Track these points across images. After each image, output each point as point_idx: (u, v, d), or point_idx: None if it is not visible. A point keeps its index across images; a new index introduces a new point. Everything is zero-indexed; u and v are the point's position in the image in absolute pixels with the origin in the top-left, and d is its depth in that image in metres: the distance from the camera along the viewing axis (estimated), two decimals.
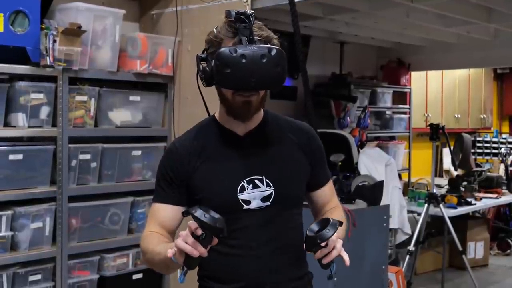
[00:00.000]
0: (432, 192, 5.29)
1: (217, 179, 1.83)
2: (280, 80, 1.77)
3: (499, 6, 4.64)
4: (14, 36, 3.71)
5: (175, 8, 4.54)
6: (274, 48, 1.71)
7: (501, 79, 9.47)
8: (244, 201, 1.79)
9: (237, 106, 1.78)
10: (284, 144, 1.92)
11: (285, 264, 1.81)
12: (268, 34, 1.80)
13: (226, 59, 1.67)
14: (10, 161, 3.81)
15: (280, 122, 1.98)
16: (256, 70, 1.67)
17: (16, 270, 3.88)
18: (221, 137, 1.88)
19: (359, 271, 4.03)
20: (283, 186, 1.84)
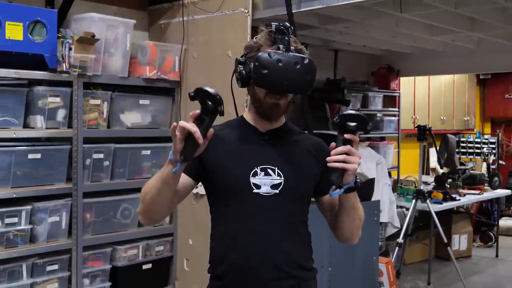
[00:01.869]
0: (419, 189, 5.30)
1: (234, 162, 1.86)
2: (309, 87, 1.84)
3: (482, 16, 4.64)
4: (32, 44, 3.72)
5: (181, 18, 4.54)
6: (307, 58, 1.79)
7: (483, 84, 9.47)
8: (255, 185, 1.81)
9: (267, 107, 1.84)
10: (298, 147, 1.95)
11: (287, 251, 1.80)
12: (301, 48, 1.87)
13: (264, 61, 1.73)
14: (29, 160, 3.82)
15: (298, 131, 2.04)
16: (289, 74, 1.74)
17: (34, 261, 3.89)
18: (244, 130, 1.92)
19: (352, 262, 4.03)
20: (292, 179, 1.85)
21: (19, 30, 3.66)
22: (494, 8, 4.38)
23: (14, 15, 3.63)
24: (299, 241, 1.88)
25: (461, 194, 5.97)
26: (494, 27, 5.02)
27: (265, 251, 1.77)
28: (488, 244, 6.97)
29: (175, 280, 4.64)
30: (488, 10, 4.44)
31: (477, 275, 5.72)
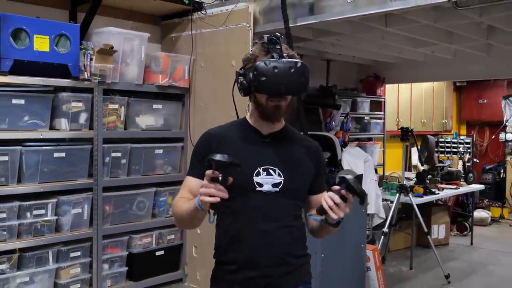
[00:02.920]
0: (402, 184, 5.30)
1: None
2: (304, 87, 1.84)
3: (458, 30, 4.64)
4: (58, 55, 3.72)
5: (190, 32, 4.55)
6: (300, 62, 1.80)
7: (459, 90, 9.47)
8: (258, 184, 1.81)
9: (269, 110, 1.83)
10: (297, 149, 1.94)
11: (285, 241, 1.81)
12: (293, 53, 1.87)
13: (262, 70, 1.74)
14: (54, 158, 3.83)
15: (296, 134, 2.03)
16: (285, 78, 1.75)
17: (59, 248, 3.90)
18: (248, 132, 1.91)
19: (343, 249, 4.03)
20: (291, 178, 1.85)
21: (46, 43, 3.66)
22: (469, 23, 4.38)
23: (41, 29, 3.64)
24: (295, 233, 1.88)
25: (439, 189, 5.97)
26: (469, 40, 5.02)
27: (265, 242, 1.78)
28: (463, 233, 6.97)
29: (185, 265, 4.65)
30: (464, 24, 4.44)
31: (453, 261, 5.71)
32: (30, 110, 3.69)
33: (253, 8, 4.14)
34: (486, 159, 9.24)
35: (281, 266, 1.80)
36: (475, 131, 9.46)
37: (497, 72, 6.24)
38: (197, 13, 4.52)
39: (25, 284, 3.72)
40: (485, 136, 9.46)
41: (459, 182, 6.46)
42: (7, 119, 3.59)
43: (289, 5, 3.80)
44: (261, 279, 1.78)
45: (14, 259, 3.66)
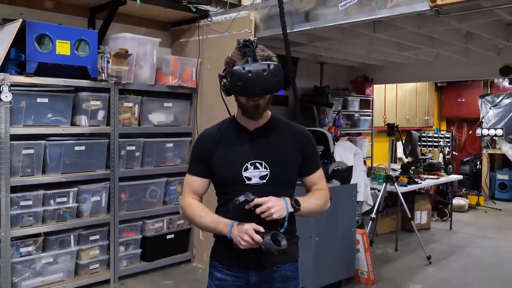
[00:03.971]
0: (388, 174, 5.29)
1: (229, 160, 1.84)
2: (278, 87, 1.78)
3: (439, 35, 4.62)
4: (78, 58, 3.72)
5: (197, 37, 4.54)
6: (272, 64, 1.74)
7: (440, 90, 9.45)
8: (247, 178, 1.80)
9: (250, 109, 1.81)
10: (283, 139, 1.90)
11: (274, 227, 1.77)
12: (268, 54, 1.81)
13: (237, 75, 1.71)
14: (75, 151, 3.84)
15: (282, 123, 1.96)
16: (259, 80, 1.71)
17: (80, 232, 3.91)
18: (236, 130, 1.89)
19: (335, 232, 4.03)
20: (276, 169, 1.83)
21: (67, 47, 3.66)
22: (449, 29, 4.36)
23: (63, 35, 3.64)
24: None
25: (422, 179, 5.96)
26: (449, 44, 5.01)
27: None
28: (443, 218, 6.96)
29: (193, 247, 4.66)
30: (444, 30, 4.43)
31: (434, 244, 5.72)
32: (53, 108, 3.70)
33: (254, 16, 4.13)
34: (464, 152, 9.23)
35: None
36: (454, 127, 9.44)
37: (474, 73, 6.22)
38: (203, 20, 4.51)
39: (49, 264, 3.74)
40: (463, 131, 9.45)
41: (439, 173, 6.45)
42: (33, 116, 3.60)
43: (287, 13, 3.78)
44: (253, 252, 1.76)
45: (39, 242, 3.68)
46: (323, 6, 3.68)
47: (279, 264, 1.84)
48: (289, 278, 1.87)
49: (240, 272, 1.83)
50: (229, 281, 1.85)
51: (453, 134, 8.92)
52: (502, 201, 8.39)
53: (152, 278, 4.25)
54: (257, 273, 1.82)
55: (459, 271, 4.75)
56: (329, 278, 4.05)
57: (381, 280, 4.39)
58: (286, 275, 1.87)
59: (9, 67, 3.46)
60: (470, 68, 5.93)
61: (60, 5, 4.08)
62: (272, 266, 1.83)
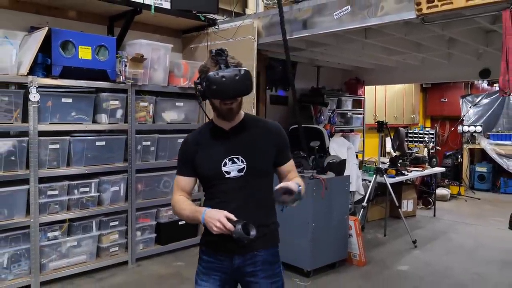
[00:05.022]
0: (378, 167, 5.29)
1: (209, 158, 1.84)
2: (249, 89, 1.77)
3: (425, 41, 4.61)
4: (98, 62, 3.73)
5: (206, 43, 4.54)
6: (243, 69, 1.73)
7: (425, 91, 9.42)
8: (226, 172, 1.80)
9: (224, 111, 1.79)
10: (256, 134, 1.87)
11: (252, 214, 1.77)
12: (238, 61, 1.81)
13: (212, 80, 1.70)
14: (96, 146, 3.85)
15: (255, 121, 1.94)
16: (232, 84, 1.70)
17: (101, 218, 3.93)
18: (214, 131, 1.88)
19: (330, 219, 4.04)
20: (253, 162, 1.81)
21: (89, 52, 3.66)
22: (433, 36, 4.35)
23: (85, 41, 3.64)
24: (263, 206, 1.85)
25: (408, 171, 5.95)
26: (433, 50, 4.99)
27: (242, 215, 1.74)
28: (428, 207, 6.96)
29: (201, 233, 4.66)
30: (429, 37, 4.41)
31: (420, 229, 5.72)
32: (76, 107, 3.71)
33: (257, 24, 4.12)
34: (447, 147, 9.21)
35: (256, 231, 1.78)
36: (438, 124, 9.41)
37: (456, 76, 6.21)
38: (211, 28, 4.51)
39: (74, 247, 3.75)
40: (446, 128, 9.42)
41: (424, 166, 6.44)
42: (58, 114, 3.61)
43: (287, 21, 3.78)
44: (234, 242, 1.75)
45: (64, 227, 3.70)
46: (319, 15, 3.67)
47: (260, 249, 1.82)
48: (269, 262, 1.85)
49: (224, 256, 1.83)
50: (214, 263, 1.85)
51: (436, 131, 8.89)
52: (481, 191, 8.38)
53: (165, 259, 4.26)
54: (240, 257, 1.81)
55: (442, 254, 4.75)
56: (324, 260, 4.06)
57: (372, 262, 4.40)
58: (267, 260, 1.84)
59: (37, 70, 3.47)
60: (452, 71, 5.92)
61: (82, 14, 4.09)
62: (253, 251, 1.81)
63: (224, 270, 1.83)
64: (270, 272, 1.84)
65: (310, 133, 4.87)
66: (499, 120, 8.41)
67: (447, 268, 4.30)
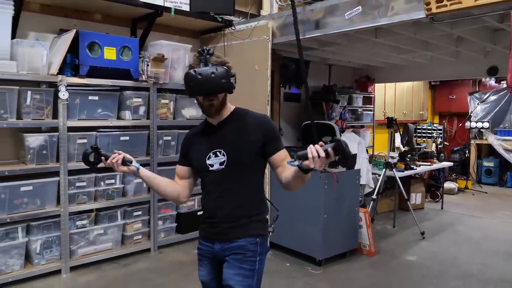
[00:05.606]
0: (388, 161, 5.24)
1: (198, 151, 1.87)
2: (226, 86, 1.74)
3: (433, 40, 4.54)
4: (122, 62, 3.76)
5: (223, 43, 4.54)
6: (220, 68, 1.72)
7: (434, 88, 9.28)
8: (210, 165, 1.82)
9: (205, 107, 1.79)
10: (242, 127, 1.83)
11: (233, 205, 1.80)
12: (222, 60, 1.79)
13: (189, 77, 1.71)
14: (121, 141, 3.89)
15: (244, 114, 1.89)
16: (208, 81, 1.69)
17: (126, 208, 3.98)
18: (205, 126, 1.90)
19: (341, 211, 4.03)
20: (234, 155, 1.80)
21: (113, 53, 3.71)
22: (441, 35, 4.28)
23: (110, 42, 3.69)
24: (245, 198, 1.82)
25: (417, 165, 5.88)
26: (441, 48, 4.92)
27: (220, 206, 1.82)
28: (435, 200, 6.87)
29: None
30: (438, 36, 4.34)
31: (427, 221, 5.66)
32: (102, 104, 3.76)
33: (271, 25, 4.11)
34: (454, 142, 9.07)
35: (229, 222, 1.81)
36: (446, 120, 9.27)
37: (464, 73, 6.09)
38: (228, 29, 4.50)
39: (100, 235, 3.81)
40: (454, 124, 9.27)
41: (432, 160, 6.36)
42: (85, 111, 3.66)
43: (300, 22, 3.76)
44: (215, 228, 1.84)
45: (92, 216, 3.76)
46: (331, 15, 3.64)
47: (235, 239, 1.81)
48: (245, 248, 1.81)
49: (209, 243, 1.87)
50: (203, 250, 1.90)
51: (444, 127, 8.76)
52: (488, 185, 8.24)
53: (185, 247, 4.30)
54: (219, 244, 1.84)
55: (449, 245, 4.70)
56: (335, 249, 4.05)
57: (381, 252, 4.37)
58: (243, 245, 1.81)
59: (66, 70, 3.52)
60: (460, 68, 5.81)
61: (107, 17, 4.13)
62: (230, 239, 1.82)
63: (209, 255, 1.88)
64: (241, 256, 1.80)
65: (322, 129, 4.85)
66: (506, 116, 8.26)
67: (454, 259, 4.25)
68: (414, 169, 5.74)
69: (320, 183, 3.84)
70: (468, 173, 8.29)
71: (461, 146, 8.71)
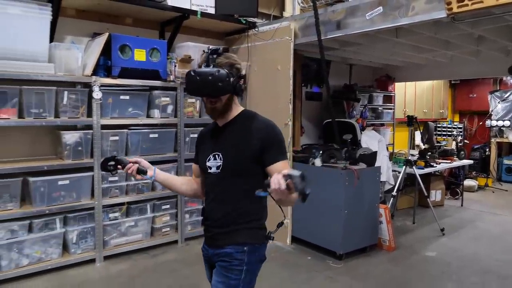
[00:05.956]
0: (408, 159, 5.17)
1: (202, 152, 1.81)
2: (222, 90, 1.64)
3: (454, 39, 4.45)
4: (151, 63, 3.82)
5: (247, 45, 4.56)
6: (220, 70, 1.62)
7: (454, 87, 9.08)
8: (209, 167, 1.73)
9: (208, 109, 1.72)
10: (243, 131, 1.70)
11: (224, 210, 1.72)
12: (230, 61, 1.70)
13: (188, 77, 1.65)
14: (150, 138, 3.96)
15: (249, 117, 1.75)
16: (205, 84, 1.62)
17: (155, 202, 4.05)
18: (213, 127, 1.82)
19: (362, 207, 4.00)
20: (229, 160, 1.69)
21: (143, 54, 3.77)
22: (462, 34, 4.19)
23: (140, 45, 3.75)
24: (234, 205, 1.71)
25: (437, 163, 5.79)
26: (462, 47, 4.81)
27: (213, 209, 1.75)
28: (455, 197, 6.74)
29: None
30: (458, 35, 4.25)
31: (447, 218, 5.56)
32: (133, 103, 3.83)
33: (293, 26, 4.11)
34: (475, 140, 8.86)
35: (218, 227, 1.74)
36: (466, 119, 9.06)
37: (484, 72, 5.95)
38: (251, 30, 4.52)
39: (131, 227, 3.89)
40: (474, 122, 9.05)
41: (452, 158, 6.24)
42: (117, 110, 3.74)
43: (321, 23, 3.75)
44: (208, 232, 1.80)
45: (123, 209, 3.84)
46: (352, 16, 3.62)
47: (223, 245, 1.72)
48: (231, 256, 1.70)
49: (206, 246, 1.82)
50: (203, 251, 1.86)
51: (465, 125, 8.57)
52: (508, 183, 8.01)
53: None
54: (212, 249, 1.78)
55: (469, 241, 4.61)
56: (356, 244, 4.03)
57: (401, 247, 4.33)
58: (229, 253, 1.70)
59: (99, 71, 3.61)
60: (481, 67, 5.67)
61: (137, 21, 4.20)
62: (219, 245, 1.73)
63: (206, 258, 1.84)
64: (226, 264, 1.70)
65: (343, 127, 4.83)
66: None
67: (474, 255, 4.17)
68: (434, 167, 5.64)
69: (341, 180, 3.83)
70: (488, 171, 8.09)
71: (482, 144, 8.50)
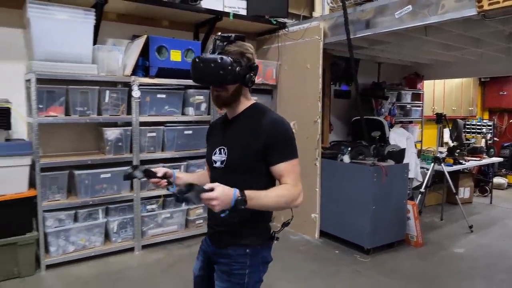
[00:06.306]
0: (436, 156, 5.05)
1: (209, 144, 1.73)
2: (224, 79, 1.52)
3: (484, 37, 4.30)
4: (186, 63, 3.88)
5: (277, 44, 4.57)
6: (224, 57, 1.50)
7: (484, 85, 8.76)
8: (214, 161, 1.62)
9: (213, 98, 1.61)
10: (249, 127, 1.58)
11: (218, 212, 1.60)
12: (241, 50, 1.60)
13: (192, 63, 1.56)
14: (185, 134, 4.02)
15: (259, 112, 1.62)
16: (207, 71, 1.51)
17: None
18: (223, 119, 1.72)
19: (390, 203, 3.95)
20: (232, 156, 1.58)
21: (179, 55, 3.83)
22: (492, 32, 4.04)
23: (175, 46, 3.81)
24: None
25: (466, 160, 5.62)
26: (492, 45, 4.64)
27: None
28: (484, 194, 6.53)
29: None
30: (489, 33, 4.11)
31: (476, 215, 5.39)
32: (169, 102, 3.90)
33: (323, 25, 4.08)
34: (505, 138, 8.52)
35: (221, 226, 1.63)
36: (496, 116, 8.73)
37: None
38: (282, 30, 4.53)
39: (167, 218, 3.98)
40: (504, 120, 8.70)
41: (482, 156, 6.04)
42: (154, 108, 3.82)
43: (350, 22, 3.71)
44: (210, 228, 1.71)
45: (160, 202, 3.93)
46: (381, 15, 3.56)
47: (224, 245, 1.63)
48: (232, 259, 1.60)
49: (208, 242, 1.72)
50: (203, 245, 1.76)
51: (494, 123, 8.26)
52: None
53: None
54: (213, 247, 1.68)
55: (498, 238, 4.46)
56: (383, 239, 3.98)
57: (428, 243, 4.24)
58: (230, 255, 1.60)
59: (138, 71, 3.70)
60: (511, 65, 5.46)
61: (173, 23, 4.28)
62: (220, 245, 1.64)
63: (206, 254, 1.73)
64: (227, 268, 1.60)
65: (371, 124, 4.76)
66: None
67: (502, 252, 4.03)
68: (462, 164, 5.48)
69: (369, 176, 3.79)
70: None
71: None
